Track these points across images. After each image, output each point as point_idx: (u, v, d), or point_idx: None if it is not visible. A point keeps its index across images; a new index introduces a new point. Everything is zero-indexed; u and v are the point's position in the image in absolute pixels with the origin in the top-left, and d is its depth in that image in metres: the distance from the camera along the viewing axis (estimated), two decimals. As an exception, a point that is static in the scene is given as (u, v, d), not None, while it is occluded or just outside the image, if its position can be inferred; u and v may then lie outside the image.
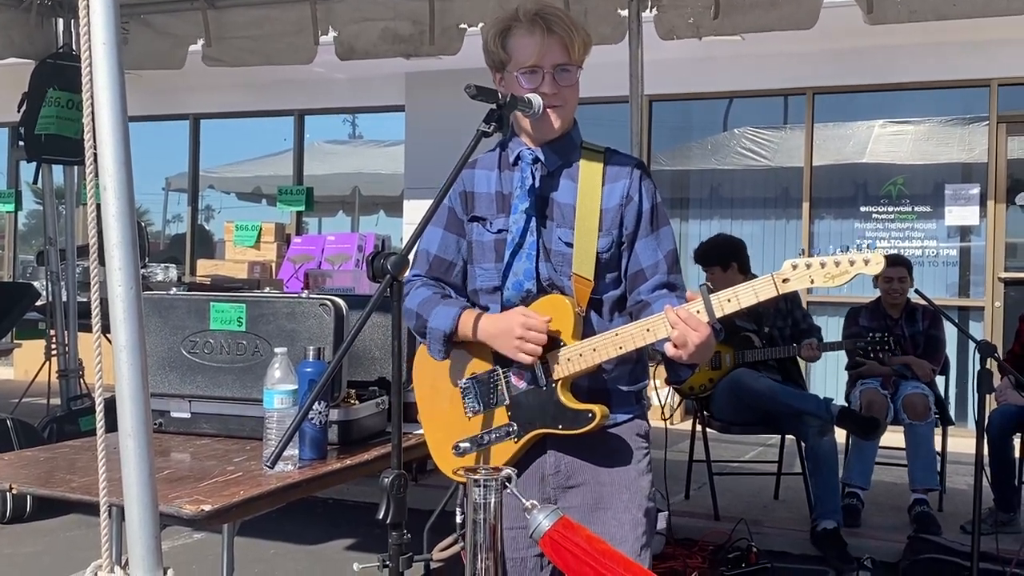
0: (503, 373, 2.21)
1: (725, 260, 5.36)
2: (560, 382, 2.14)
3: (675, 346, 2.04)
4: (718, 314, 2.00)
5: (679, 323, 2.01)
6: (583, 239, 2.20)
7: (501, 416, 2.21)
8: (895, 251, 7.14)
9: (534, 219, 2.20)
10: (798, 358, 5.41)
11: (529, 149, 2.25)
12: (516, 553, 2.26)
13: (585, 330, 2.17)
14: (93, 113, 1.73)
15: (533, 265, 2.19)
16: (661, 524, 4.72)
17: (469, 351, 2.25)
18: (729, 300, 2.00)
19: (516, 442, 2.19)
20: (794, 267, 1.95)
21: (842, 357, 5.86)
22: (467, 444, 2.23)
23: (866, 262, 1.91)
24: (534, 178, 2.22)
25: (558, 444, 2.22)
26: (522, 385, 2.18)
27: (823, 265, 1.93)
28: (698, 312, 2.02)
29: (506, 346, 2.13)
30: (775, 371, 5.38)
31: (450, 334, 2.21)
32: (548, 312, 2.15)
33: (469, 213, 2.30)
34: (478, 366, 2.25)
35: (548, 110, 2.19)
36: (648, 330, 2.07)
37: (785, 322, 5.43)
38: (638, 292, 2.24)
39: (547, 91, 2.17)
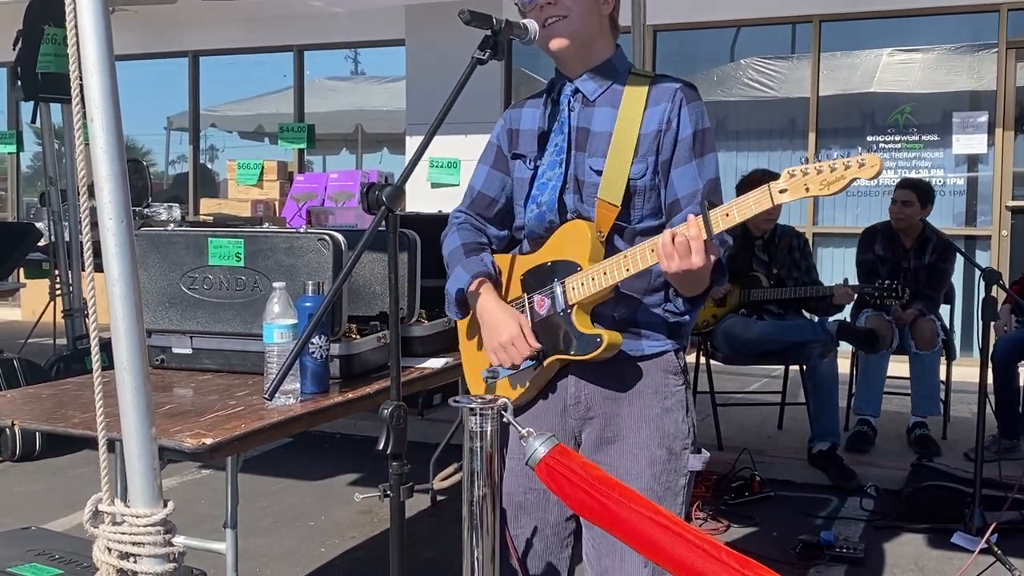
0: (527, 300, 2.19)
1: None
2: (576, 306, 2.10)
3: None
4: (716, 229, 1.91)
5: (666, 245, 1.93)
6: (615, 165, 2.12)
7: None
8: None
9: (564, 151, 2.16)
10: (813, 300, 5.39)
11: (569, 82, 2.21)
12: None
13: (610, 256, 2.09)
14: (78, 43, 1.69)
15: (556, 196, 2.15)
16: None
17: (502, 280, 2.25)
18: (727, 214, 1.90)
19: (536, 369, 2.17)
20: (791, 175, 1.84)
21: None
22: (494, 371, 2.22)
23: (860, 165, 1.78)
24: (570, 112, 2.19)
25: (579, 373, 2.18)
26: (543, 311, 2.16)
27: (819, 171, 1.82)
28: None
29: (489, 342, 2.16)
30: (777, 306, 5.40)
31: (459, 299, 2.23)
32: (566, 237, 2.12)
33: (512, 151, 2.27)
34: (509, 294, 2.23)
35: (545, 27, 2.12)
36: (652, 250, 1.99)
37: (790, 271, 5.43)
38: (671, 223, 2.10)
39: (540, 0, 2.12)
